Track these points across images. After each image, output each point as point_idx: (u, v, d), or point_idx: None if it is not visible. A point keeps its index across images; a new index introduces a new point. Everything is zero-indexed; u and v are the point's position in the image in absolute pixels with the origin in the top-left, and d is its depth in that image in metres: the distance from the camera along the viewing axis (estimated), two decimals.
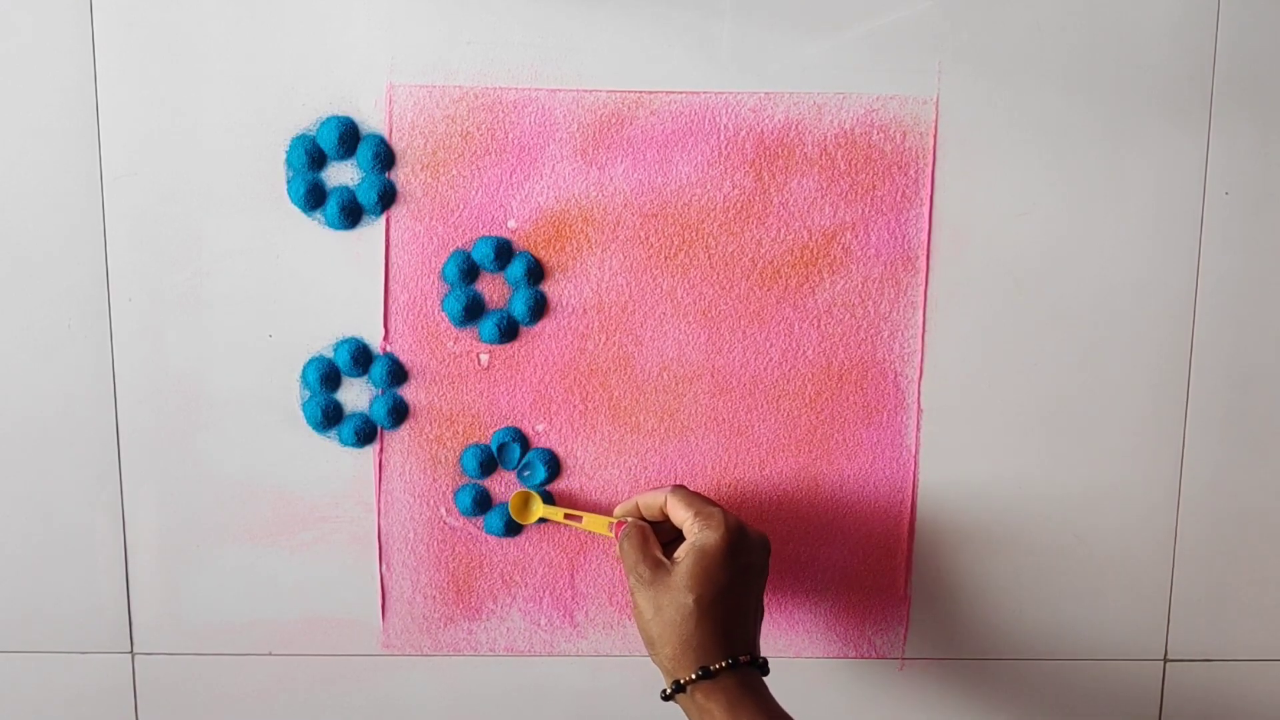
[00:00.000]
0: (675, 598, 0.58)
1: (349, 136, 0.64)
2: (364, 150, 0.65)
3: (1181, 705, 0.72)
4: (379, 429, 0.67)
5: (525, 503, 0.68)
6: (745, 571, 0.60)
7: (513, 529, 0.69)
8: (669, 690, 0.59)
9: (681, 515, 0.62)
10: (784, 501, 0.69)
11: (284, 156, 0.65)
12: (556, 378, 0.67)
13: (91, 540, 0.68)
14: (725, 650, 0.58)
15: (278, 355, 0.67)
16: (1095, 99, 0.65)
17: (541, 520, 0.68)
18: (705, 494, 0.66)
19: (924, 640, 0.71)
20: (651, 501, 0.64)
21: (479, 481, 0.68)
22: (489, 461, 0.68)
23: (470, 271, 0.66)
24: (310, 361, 0.67)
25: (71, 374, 0.66)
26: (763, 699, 0.58)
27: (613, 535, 0.66)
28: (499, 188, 0.65)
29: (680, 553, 0.60)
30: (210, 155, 0.65)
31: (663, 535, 0.63)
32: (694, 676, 0.57)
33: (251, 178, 0.65)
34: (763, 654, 0.61)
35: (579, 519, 0.67)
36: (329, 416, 0.67)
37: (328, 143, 0.64)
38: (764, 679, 0.59)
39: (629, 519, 0.64)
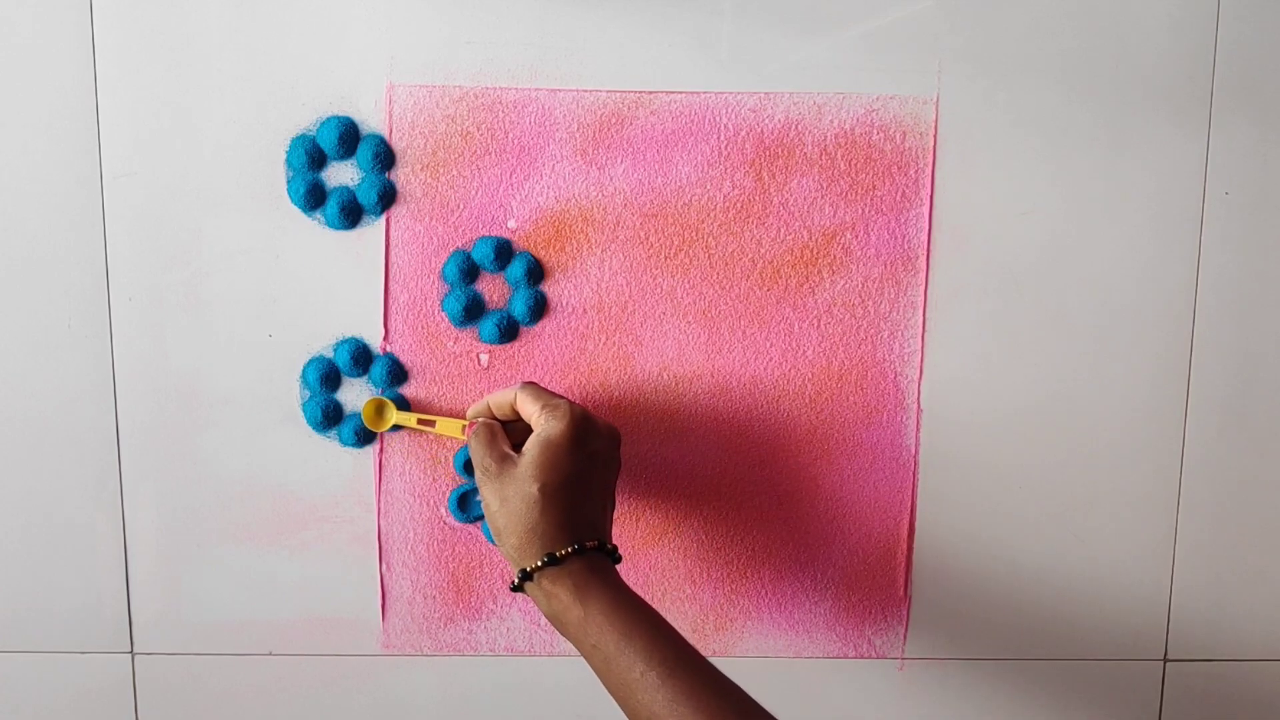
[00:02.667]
0: (520, 487, 0.58)
1: (349, 136, 0.64)
2: (364, 150, 0.65)
3: (1181, 705, 0.72)
4: None
5: (379, 410, 0.67)
6: (592, 459, 0.60)
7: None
8: (516, 581, 0.58)
9: (530, 409, 0.61)
10: (784, 501, 0.69)
11: (284, 156, 0.65)
12: (556, 378, 0.67)
13: (91, 540, 0.68)
14: (571, 536, 0.58)
15: (278, 355, 0.67)
16: (1095, 99, 0.65)
17: (396, 428, 0.67)
18: (706, 494, 0.65)
19: (924, 640, 0.71)
20: (502, 399, 0.63)
21: None
22: None
23: (470, 271, 0.66)
24: (310, 361, 0.67)
25: (71, 374, 0.66)
26: (610, 582, 0.57)
27: (465, 437, 0.65)
28: (499, 188, 0.65)
29: (527, 444, 0.60)
30: (210, 155, 0.65)
31: (517, 436, 0.62)
32: (539, 564, 0.57)
33: (251, 178, 0.65)
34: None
35: (432, 424, 0.66)
36: (329, 416, 0.67)
37: (328, 143, 0.64)
38: (616, 567, 0.59)
39: (480, 419, 0.64)
